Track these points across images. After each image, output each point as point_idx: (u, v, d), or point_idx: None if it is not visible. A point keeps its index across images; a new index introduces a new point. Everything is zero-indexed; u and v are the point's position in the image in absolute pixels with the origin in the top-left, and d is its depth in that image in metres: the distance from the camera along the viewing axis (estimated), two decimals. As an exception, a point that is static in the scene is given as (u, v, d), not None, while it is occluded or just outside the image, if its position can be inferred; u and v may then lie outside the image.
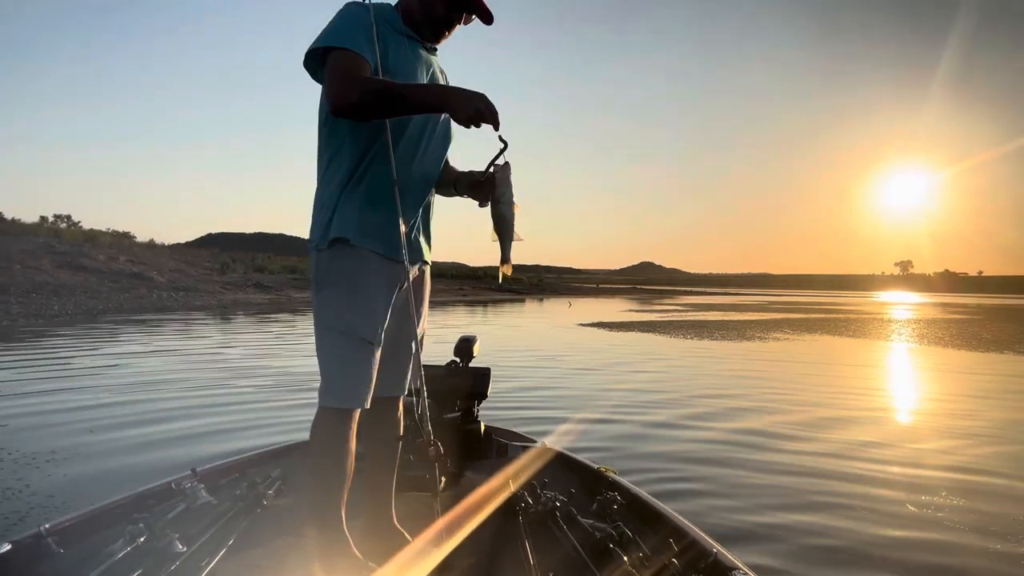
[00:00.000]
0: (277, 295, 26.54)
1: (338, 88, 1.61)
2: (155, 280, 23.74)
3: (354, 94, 1.60)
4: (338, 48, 1.64)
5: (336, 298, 1.74)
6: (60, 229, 31.35)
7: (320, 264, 1.76)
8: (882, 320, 23.28)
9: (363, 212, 1.73)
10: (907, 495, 3.58)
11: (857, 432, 5.17)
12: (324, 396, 1.75)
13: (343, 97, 1.60)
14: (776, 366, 9.91)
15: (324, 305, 1.76)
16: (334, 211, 1.73)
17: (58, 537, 1.85)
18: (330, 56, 1.64)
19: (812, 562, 2.70)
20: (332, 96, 1.62)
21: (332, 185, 1.75)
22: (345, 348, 1.73)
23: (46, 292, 18.31)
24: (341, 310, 1.74)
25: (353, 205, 1.73)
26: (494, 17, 1.87)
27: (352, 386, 1.73)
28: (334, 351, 1.74)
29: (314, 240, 1.78)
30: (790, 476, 3.90)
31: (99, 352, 9.02)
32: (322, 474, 1.77)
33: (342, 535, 1.76)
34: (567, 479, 2.57)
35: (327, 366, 1.75)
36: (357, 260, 1.73)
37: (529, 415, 5.36)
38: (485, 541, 2.00)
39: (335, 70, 1.63)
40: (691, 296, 51.33)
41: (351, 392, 1.73)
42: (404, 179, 1.76)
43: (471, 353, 3.00)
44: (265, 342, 11.04)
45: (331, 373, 1.74)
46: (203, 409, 5.32)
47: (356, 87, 1.61)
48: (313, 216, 1.80)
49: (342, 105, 1.61)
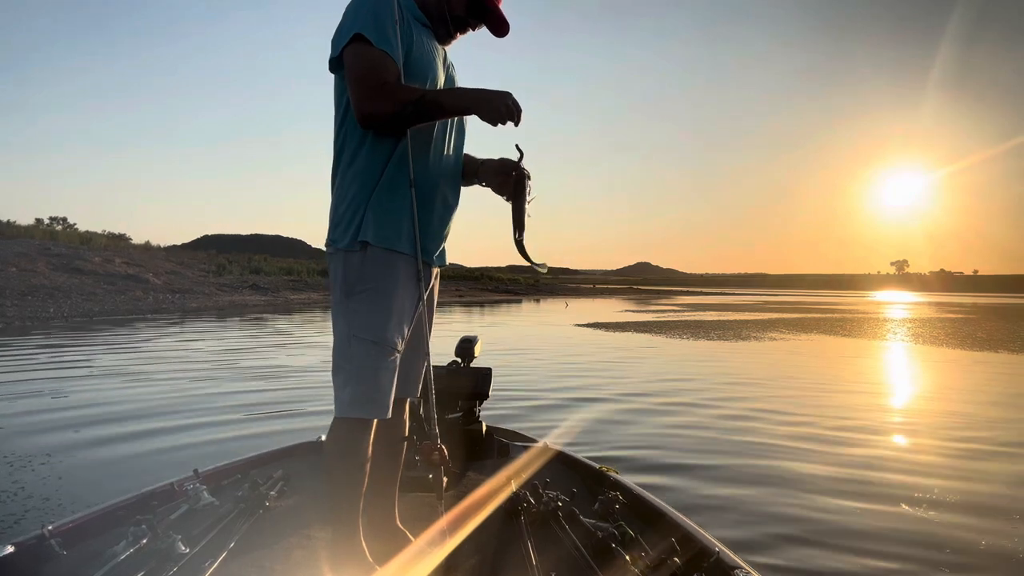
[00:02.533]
0: (273, 297, 26.49)
1: (370, 98, 1.54)
2: (151, 282, 23.66)
3: (389, 105, 1.54)
4: (365, 43, 1.55)
5: (367, 305, 1.66)
6: (56, 231, 31.23)
7: (349, 268, 1.67)
8: (878, 320, 23.33)
9: (393, 214, 1.66)
10: (902, 493, 3.60)
11: (856, 431, 5.19)
12: (349, 406, 1.66)
13: (378, 108, 1.54)
14: (774, 365, 9.93)
15: (354, 312, 1.66)
16: (364, 212, 1.65)
17: (61, 538, 1.85)
18: (355, 54, 1.55)
19: (813, 561, 2.72)
20: (363, 106, 1.54)
21: (357, 184, 1.66)
22: (375, 357, 1.65)
23: (42, 294, 18.25)
24: (373, 317, 1.66)
25: (383, 206, 1.66)
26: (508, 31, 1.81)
27: (380, 396, 1.67)
28: (364, 360, 1.65)
29: (340, 241, 1.68)
30: (790, 475, 3.91)
31: (95, 353, 8.98)
32: (343, 484, 1.71)
33: (359, 546, 1.73)
34: (569, 479, 2.58)
35: (353, 375, 1.66)
36: (388, 264, 1.67)
37: (527, 415, 5.37)
38: (487, 541, 2.01)
39: (364, 76, 1.54)
40: (688, 296, 51.38)
41: (378, 402, 1.67)
42: (433, 179, 1.72)
43: (472, 354, 3.00)
44: (264, 342, 11.02)
45: (357, 382, 1.66)
46: (202, 409, 5.31)
47: (391, 98, 1.54)
48: (336, 214, 1.70)
49: (376, 115, 1.55)
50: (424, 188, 1.70)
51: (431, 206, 1.74)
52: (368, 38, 1.55)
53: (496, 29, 1.82)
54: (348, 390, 1.66)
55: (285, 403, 5.73)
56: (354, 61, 1.56)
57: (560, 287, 60.06)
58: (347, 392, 1.66)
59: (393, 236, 1.67)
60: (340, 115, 1.70)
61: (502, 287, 48.97)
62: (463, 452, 2.75)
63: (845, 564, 2.70)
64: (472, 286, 44.89)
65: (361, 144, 1.67)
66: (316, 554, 1.94)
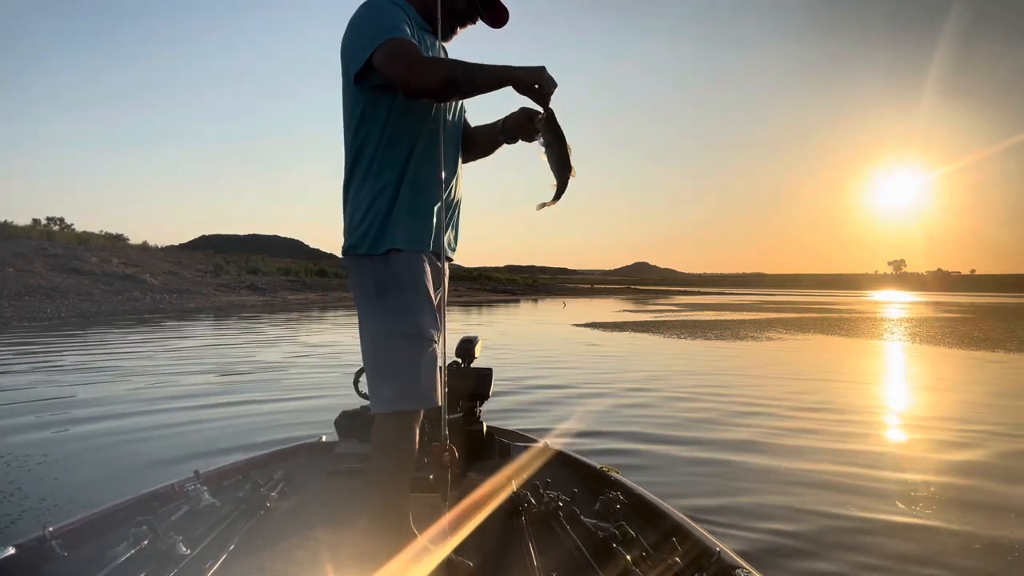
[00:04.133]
0: (271, 297, 26.48)
1: (419, 69, 1.60)
2: (148, 282, 23.63)
3: (441, 70, 1.62)
4: (395, 39, 1.61)
5: (400, 303, 1.73)
6: (53, 232, 31.15)
7: (377, 271, 1.74)
8: (875, 319, 23.39)
9: (415, 216, 1.74)
10: (898, 490, 3.61)
11: (854, 429, 5.20)
12: (396, 400, 1.72)
13: (430, 75, 1.60)
14: (771, 365, 9.95)
15: (387, 311, 1.74)
16: (387, 217, 1.72)
17: (62, 540, 1.85)
18: (389, 47, 1.60)
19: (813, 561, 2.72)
20: (414, 77, 1.60)
21: (377, 190, 1.73)
22: (415, 350, 1.72)
23: (39, 295, 18.22)
24: (407, 314, 1.73)
25: (405, 210, 1.73)
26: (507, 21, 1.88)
27: (426, 386, 1.73)
28: (405, 355, 1.72)
29: (363, 247, 1.74)
30: (788, 475, 3.92)
31: (91, 354, 8.97)
32: (394, 478, 1.78)
33: (412, 534, 1.81)
34: (569, 479, 2.58)
35: (394, 371, 1.72)
36: (414, 263, 1.74)
37: (526, 413, 5.37)
38: (488, 541, 2.01)
39: (403, 55, 1.60)
40: (686, 296, 51.44)
41: (423, 393, 1.73)
42: (447, 177, 1.80)
43: (473, 354, 3.00)
44: (258, 343, 11.01)
45: (401, 377, 1.72)
46: (202, 410, 5.31)
47: (439, 65, 1.63)
48: (354, 221, 1.76)
49: (430, 82, 1.60)
50: (438, 186, 1.78)
51: (448, 201, 1.83)
52: (396, 36, 1.62)
53: (495, 20, 1.89)
54: (391, 386, 1.72)
55: (285, 403, 5.73)
56: (390, 50, 1.61)
57: (558, 287, 60.11)
58: (389, 388, 1.72)
59: (415, 238, 1.75)
60: (354, 124, 1.76)
61: (500, 287, 49.00)
62: (464, 452, 2.74)
63: (845, 564, 2.70)
64: (470, 286, 44.89)
65: (377, 150, 1.74)
66: (318, 555, 1.94)
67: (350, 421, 2.89)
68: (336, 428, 2.94)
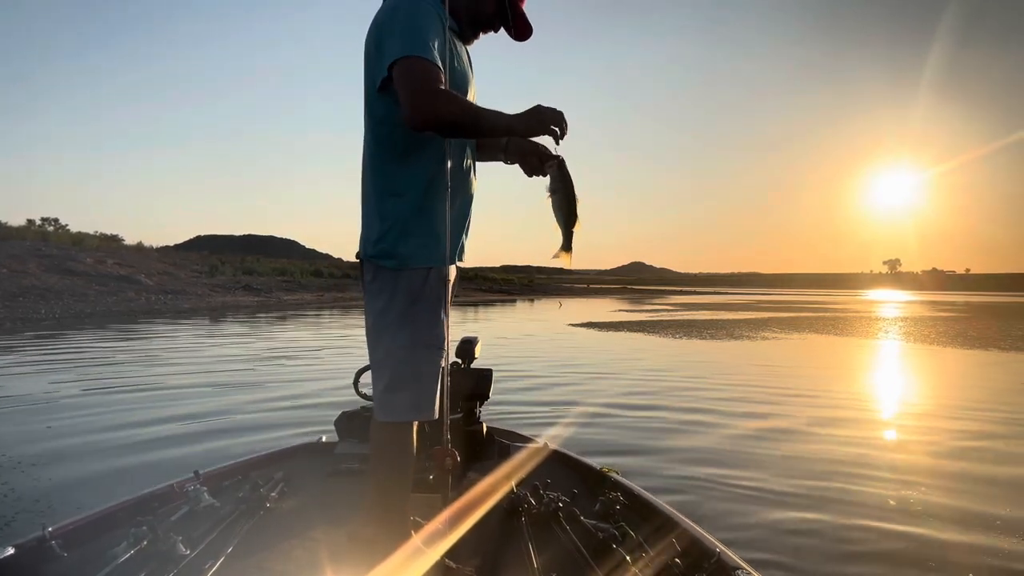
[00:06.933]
0: (266, 297, 26.41)
1: (432, 103, 1.53)
2: (143, 283, 23.55)
3: (456, 108, 1.57)
4: (417, 57, 1.55)
5: (428, 313, 1.74)
6: (47, 232, 30.99)
7: (411, 283, 1.72)
8: (870, 318, 23.46)
9: (445, 229, 1.73)
10: (894, 488, 3.62)
11: (853, 428, 5.22)
12: (406, 411, 1.73)
13: (442, 111, 1.54)
14: (768, 365, 9.98)
15: (415, 320, 1.73)
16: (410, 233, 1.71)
17: (61, 540, 1.84)
18: (409, 65, 1.55)
19: (814, 558, 2.73)
20: (419, 108, 1.53)
21: (404, 197, 1.72)
22: (432, 361, 1.74)
23: (33, 296, 18.13)
24: (432, 325, 1.74)
25: (437, 222, 1.72)
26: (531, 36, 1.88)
27: (433, 397, 1.74)
28: (424, 365, 1.73)
29: (390, 260, 1.72)
30: (787, 473, 3.94)
31: (88, 354, 8.94)
32: (394, 486, 1.80)
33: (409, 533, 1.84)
34: (569, 480, 2.58)
35: (410, 380, 1.72)
36: (444, 276, 1.76)
37: (526, 413, 5.37)
38: (488, 542, 2.01)
39: (418, 81, 1.54)
40: (681, 296, 51.51)
41: (429, 403, 1.74)
42: (467, 188, 1.83)
43: (472, 354, 3.00)
44: (257, 342, 10.99)
45: (417, 386, 1.72)
46: (201, 410, 5.30)
47: (454, 103, 1.57)
48: (377, 232, 1.73)
49: (440, 117, 1.55)
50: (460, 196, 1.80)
51: (466, 211, 1.84)
52: (419, 55, 1.56)
53: (520, 34, 1.89)
54: (405, 396, 1.72)
55: (285, 402, 5.72)
56: (408, 70, 1.55)
57: (554, 287, 60.09)
58: (404, 398, 1.72)
59: (442, 251, 1.74)
60: (375, 133, 1.73)
61: (496, 287, 48.99)
62: (463, 453, 2.74)
63: (845, 564, 2.71)
64: (466, 286, 44.85)
65: (401, 164, 1.72)
66: (318, 555, 1.94)
67: (350, 421, 2.89)
68: (336, 428, 2.94)
